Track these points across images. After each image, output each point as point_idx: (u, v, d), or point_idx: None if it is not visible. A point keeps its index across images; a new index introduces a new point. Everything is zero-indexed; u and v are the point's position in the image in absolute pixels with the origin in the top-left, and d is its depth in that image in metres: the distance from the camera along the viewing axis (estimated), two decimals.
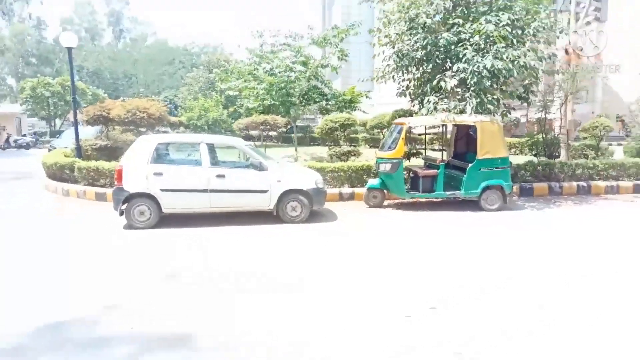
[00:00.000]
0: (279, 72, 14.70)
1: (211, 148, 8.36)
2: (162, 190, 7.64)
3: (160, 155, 8.15)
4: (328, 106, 17.20)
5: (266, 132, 15.35)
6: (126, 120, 12.48)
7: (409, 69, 10.77)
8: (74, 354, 3.61)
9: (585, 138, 15.16)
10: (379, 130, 19.92)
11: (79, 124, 13.58)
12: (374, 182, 9.59)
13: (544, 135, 12.50)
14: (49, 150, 18.54)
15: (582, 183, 11.01)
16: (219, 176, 7.81)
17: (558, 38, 10.73)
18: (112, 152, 12.85)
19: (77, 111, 13.41)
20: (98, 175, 10.68)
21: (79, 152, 12.52)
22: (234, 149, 8.87)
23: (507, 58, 9.10)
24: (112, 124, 13.69)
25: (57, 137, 24.01)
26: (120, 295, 4.78)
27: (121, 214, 7.70)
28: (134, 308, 4.46)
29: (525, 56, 9.28)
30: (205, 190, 7.76)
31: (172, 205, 7.79)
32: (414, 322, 4.09)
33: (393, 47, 10.89)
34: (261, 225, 7.88)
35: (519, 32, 9.70)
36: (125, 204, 7.67)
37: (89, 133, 16.47)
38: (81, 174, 10.92)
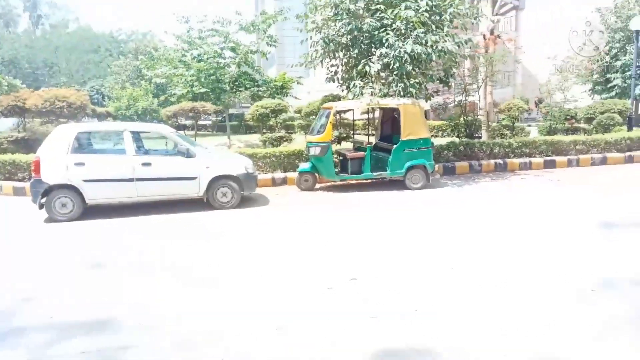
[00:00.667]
0: (208, 59, 14.46)
1: (136, 136, 8.18)
2: (84, 180, 7.39)
3: (81, 145, 7.87)
4: (260, 92, 17.14)
5: (198, 121, 15.09)
6: (44, 110, 11.82)
7: (336, 54, 11.00)
8: None
9: (503, 119, 16.19)
10: (314, 117, 20.10)
11: None
12: (305, 166, 9.78)
13: (465, 117, 13.23)
14: None
15: (499, 160, 11.81)
16: (144, 164, 7.65)
17: (473, 24, 11.34)
18: (31, 144, 12.12)
19: None
20: (15, 169, 10.11)
21: None
22: (162, 138, 8.70)
23: (426, 43, 9.53)
24: (29, 114, 12.93)
25: None
26: (40, 288, 4.65)
27: (41, 207, 7.38)
28: (54, 299, 4.37)
29: (444, 41, 9.78)
30: (131, 179, 7.59)
31: (96, 196, 7.55)
32: (335, 292, 4.32)
33: (320, 33, 11.04)
34: (191, 212, 7.84)
35: (437, 17, 10.16)
36: (45, 197, 7.36)
37: (4, 125, 15.49)
38: None
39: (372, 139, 11.04)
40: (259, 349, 3.35)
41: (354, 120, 12.27)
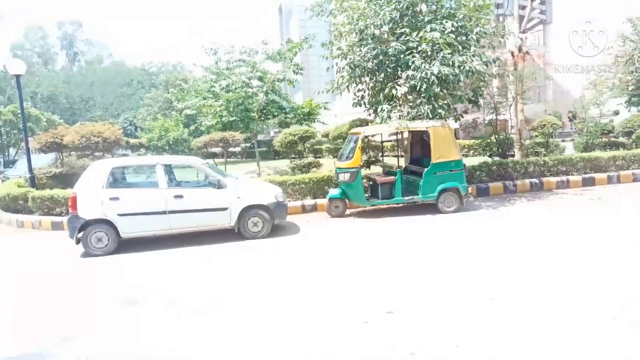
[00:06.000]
0: (236, 89, 14.72)
1: (168, 169, 8.31)
2: (119, 215, 7.52)
3: (115, 180, 8.05)
4: (287, 119, 17.31)
5: (227, 149, 15.33)
6: (80, 145, 12.22)
7: (362, 79, 10.99)
8: None
9: (536, 136, 15.78)
10: (341, 140, 20.17)
11: (33, 152, 13.22)
12: (334, 192, 9.70)
13: (497, 136, 12.94)
14: (2, 180, 17.89)
15: (534, 180, 11.45)
16: (177, 197, 7.74)
17: (500, 42, 11.19)
18: (69, 179, 12.50)
19: (30, 139, 13.05)
20: (53, 204, 10.40)
21: (33, 181, 12.14)
22: (193, 169, 8.80)
23: (453, 64, 9.43)
24: (66, 150, 13.37)
25: (11, 167, 23.24)
26: (76, 326, 4.68)
27: (78, 242, 7.52)
28: (90, 338, 4.37)
29: (471, 61, 9.65)
30: (163, 212, 7.67)
31: (130, 229, 7.66)
32: (371, 327, 4.18)
33: (345, 59, 11.09)
34: (223, 243, 7.84)
35: (464, 38, 10.06)
36: (82, 232, 7.50)
37: (44, 161, 16.00)
38: (35, 204, 10.60)
39: (402, 162, 10.91)
40: None
41: (382, 142, 12.18)
